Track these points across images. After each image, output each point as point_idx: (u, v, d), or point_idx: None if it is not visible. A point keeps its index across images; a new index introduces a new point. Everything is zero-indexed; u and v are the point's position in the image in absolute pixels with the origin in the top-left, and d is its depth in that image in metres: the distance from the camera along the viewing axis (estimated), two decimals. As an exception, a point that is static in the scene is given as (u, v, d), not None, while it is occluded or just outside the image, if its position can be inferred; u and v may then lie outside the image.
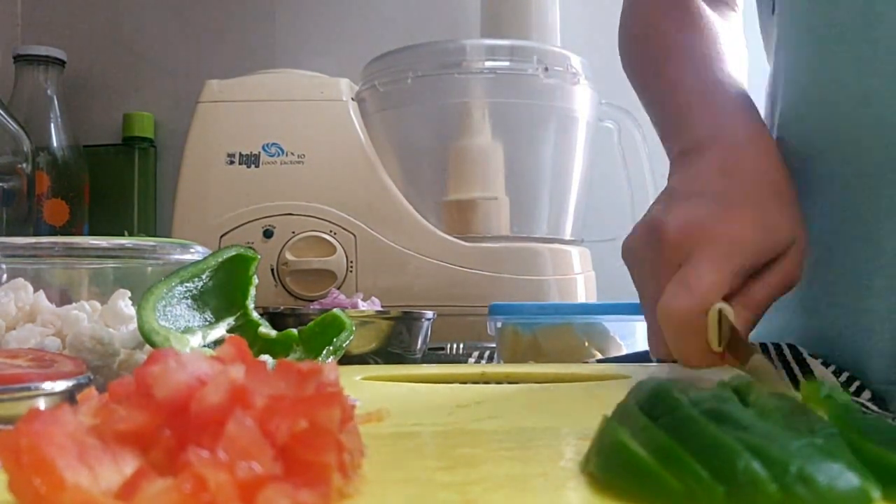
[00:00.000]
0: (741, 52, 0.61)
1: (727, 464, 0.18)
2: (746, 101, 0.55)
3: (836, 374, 0.53)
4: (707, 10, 0.61)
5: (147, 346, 0.41)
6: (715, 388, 0.24)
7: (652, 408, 0.22)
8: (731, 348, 0.43)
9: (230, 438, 0.18)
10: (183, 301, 0.44)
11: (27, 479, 0.17)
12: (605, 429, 0.23)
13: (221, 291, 0.47)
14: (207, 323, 0.45)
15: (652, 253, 0.47)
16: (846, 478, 0.18)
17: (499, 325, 0.71)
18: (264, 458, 0.18)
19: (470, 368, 0.58)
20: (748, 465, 0.18)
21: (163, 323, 0.42)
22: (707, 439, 0.19)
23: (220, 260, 0.46)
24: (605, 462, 0.21)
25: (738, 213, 0.46)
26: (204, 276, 0.45)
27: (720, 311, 0.43)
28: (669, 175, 0.53)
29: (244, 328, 0.47)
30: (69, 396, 0.31)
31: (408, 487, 0.22)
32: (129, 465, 0.18)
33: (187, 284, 0.45)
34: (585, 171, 1.01)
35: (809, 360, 0.52)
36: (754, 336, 0.66)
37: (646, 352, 0.66)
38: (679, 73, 0.58)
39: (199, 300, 0.45)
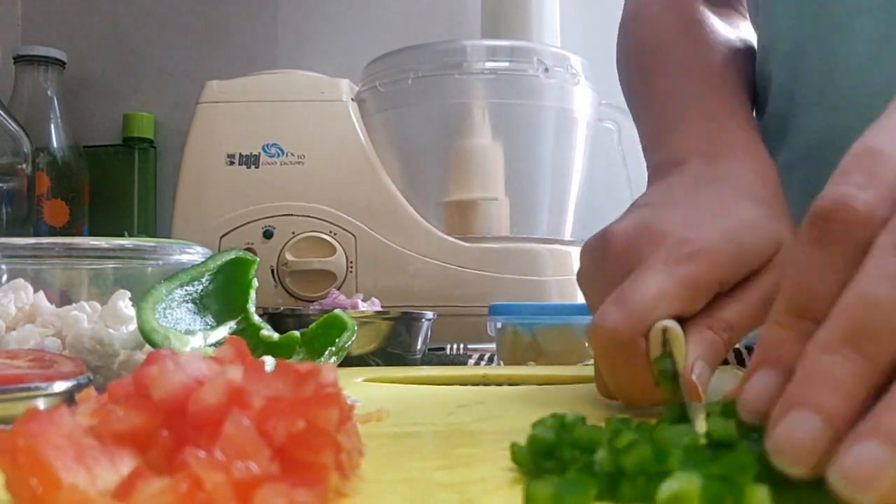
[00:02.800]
0: (750, 62, 0.57)
1: None
2: (740, 111, 0.49)
3: None
4: (712, 20, 0.57)
5: (147, 347, 0.41)
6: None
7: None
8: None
9: (227, 438, 0.18)
10: (183, 304, 0.44)
11: (24, 479, 0.17)
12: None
13: (222, 295, 0.47)
14: (209, 327, 0.45)
15: (599, 267, 0.38)
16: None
17: (499, 325, 0.71)
18: (261, 458, 0.18)
19: (471, 370, 0.58)
20: None
21: (163, 324, 0.42)
22: None
23: (219, 263, 0.46)
24: None
25: (700, 215, 0.37)
26: (204, 280, 0.45)
27: (666, 333, 0.33)
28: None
29: (246, 332, 0.47)
30: (68, 397, 0.31)
31: (406, 487, 0.22)
32: (126, 465, 0.18)
33: (187, 288, 0.44)
34: (585, 171, 1.01)
35: None
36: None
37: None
38: (669, 84, 0.52)
39: (200, 304, 0.45)
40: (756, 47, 0.58)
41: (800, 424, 0.19)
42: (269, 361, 0.42)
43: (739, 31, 0.59)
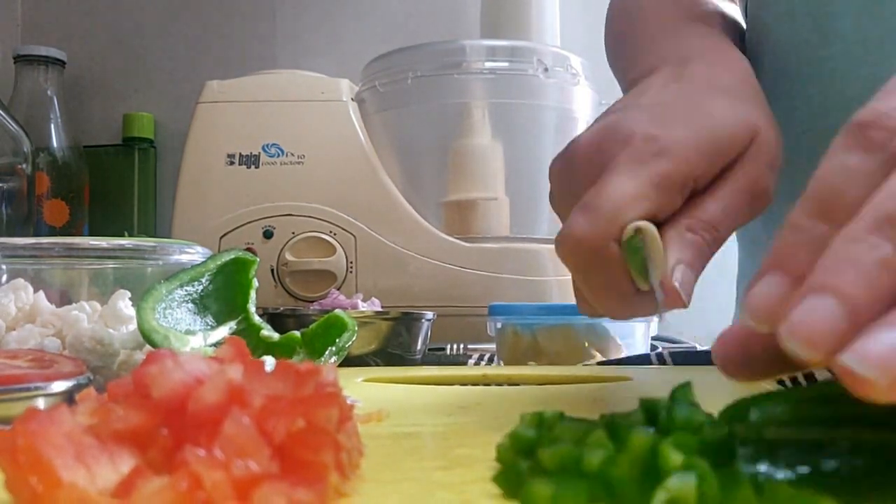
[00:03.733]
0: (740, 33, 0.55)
1: None
2: (721, 31, 0.46)
3: None
4: None
5: (147, 347, 0.41)
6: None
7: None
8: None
9: (227, 437, 0.18)
10: (183, 305, 0.44)
11: (24, 478, 0.17)
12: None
13: (222, 295, 0.47)
14: (209, 327, 0.45)
15: (565, 180, 0.36)
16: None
17: (499, 325, 0.71)
18: (261, 456, 0.18)
19: (471, 370, 0.58)
20: None
21: (163, 324, 0.42)
22: None
23: (219, 263, 0.46)
24: None
25: (668, 112, 0.35)
26: (204, 280, 0.45)
27: (640, 234, 0.31)
28: None
29: (246, 332, 0.47)
30: (68, 397, 0.31)
31: (405, 487, 0.22)
32: (125, 463, 0.18)
33: (187, 288, 0.44)
34: (585, 171, 1.01)
35: None
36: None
37: (647, 354, 0.66)
38: (645, 27, 0.50)
39: (200, 304, 0.45)
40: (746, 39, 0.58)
41: (818, 308, 0.18)
42: (269, 361, 0.42)
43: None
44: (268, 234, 0.90)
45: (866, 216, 0.19)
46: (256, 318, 0.48)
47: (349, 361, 0.58)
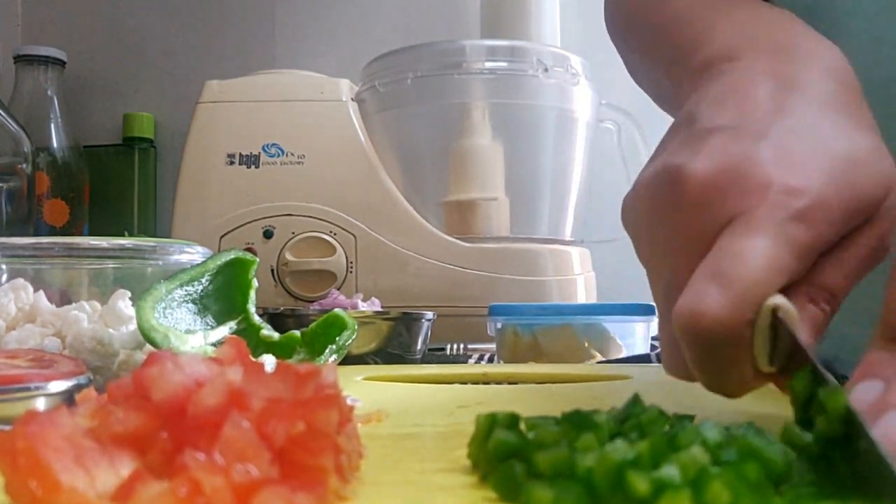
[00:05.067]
0: None
1: None
2: (790, 14, 0.40)
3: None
4: None
5: (147, 347, 0.41)
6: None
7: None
8: (784, 367, 0.27)
9: (226, 441, 0.17)
10: (183, 305, 0.44)
11: (23, 482, 0.17)
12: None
13: (222, 295, 0.47)
14: (209, 327, 0.45)
15: (667, 216, 0.30)
16: None
17: (499, 325, 0.71)
18: (261, 460, 0.18)
19: (472, 369, 0.58)
20: None
21: (163, 324, 0.41)
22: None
23: (219, 263, 0.46)
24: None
25: (804, 148, 0.29)
26: (204, 280, 0.45)
27: (774, 313, 0.26)
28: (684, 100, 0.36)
29: (246, 332, 0.47)
30: (68, 397, 0.31)
31: (405, 490, 0.22)
32: (125, 467, 0.18)
33: (187, 288, 0.44)
34: (585, 171, 1.01)
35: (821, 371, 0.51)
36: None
37: (647, 354, 0.66)
38: (686, 3, 0.43)
39: (200, 304, 0.45)
40: None
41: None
42: (269, 361, 0.42)
43: None
44: (268, 234, 0.90)
45: None
46: (256, 318, 0.48)
47: (349, 361, 0.57)
